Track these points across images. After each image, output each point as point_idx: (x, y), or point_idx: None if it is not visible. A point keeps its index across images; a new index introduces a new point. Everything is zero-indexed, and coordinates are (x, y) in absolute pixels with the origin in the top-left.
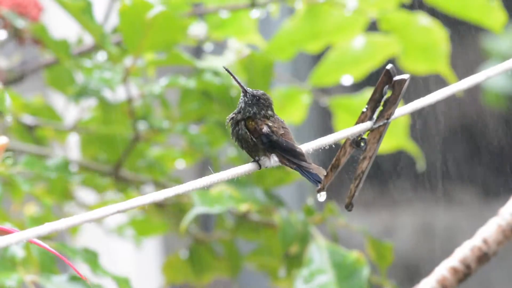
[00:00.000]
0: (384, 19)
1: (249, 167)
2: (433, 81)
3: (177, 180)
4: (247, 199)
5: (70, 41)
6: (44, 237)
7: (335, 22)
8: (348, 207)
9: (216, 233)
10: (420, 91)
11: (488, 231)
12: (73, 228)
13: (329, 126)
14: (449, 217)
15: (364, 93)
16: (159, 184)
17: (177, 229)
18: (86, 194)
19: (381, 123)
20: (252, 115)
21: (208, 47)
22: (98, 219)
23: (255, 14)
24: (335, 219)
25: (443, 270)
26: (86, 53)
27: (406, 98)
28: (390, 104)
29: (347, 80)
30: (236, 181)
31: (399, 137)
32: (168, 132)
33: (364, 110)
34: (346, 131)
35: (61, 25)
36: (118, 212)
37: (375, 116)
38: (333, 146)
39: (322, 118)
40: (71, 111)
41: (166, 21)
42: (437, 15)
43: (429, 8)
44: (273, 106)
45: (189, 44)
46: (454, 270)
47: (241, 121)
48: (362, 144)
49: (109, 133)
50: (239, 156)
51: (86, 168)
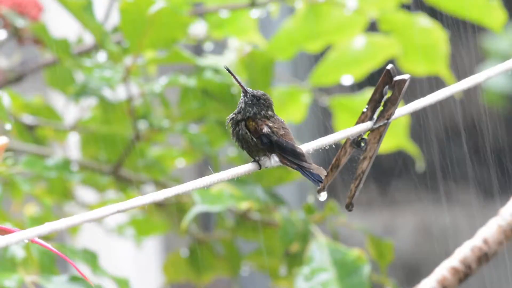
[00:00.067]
0: (384, 20)
1: (249, 167)
2: (432, 81)
3: (177, 180)
4: (247, 197)
5: (70, 40)
6: (44, 237)
7: (335, 22)
8: (349, 207)
9: (216, 233)
10: (420, 91)
11: (488, 231)
12: (73, 228)
13: (329, 126)
14: (449, 217)
15: (364, 93)
16: (159, 184)
17: (177, 229)
18: (86, 194)
19: (381, 123)
20: (253, 115)
21: (208, 47)
22: (98, 219)
23: (255, 13)
24: (336, 218)
25: (443, 270)
26: (86, 53)
27: (406, 99)
28: (391, 104)
29: (347, 80)
30: (236, 180)
31: (399, 137)
32: (168, 131)
33: (364, 110)
34: (346, 131)
35: (61, 25)
36: (118, 212)
37: (375, 116)
38: (333, 146)
39: (322, 118)
40: (71, 111)
41: (167, 17)
42: (436, 15)
43: (429, 8)
44: (273, 107)
45: (189, 44)
46: (455, 270)
47: (241, 121)
48: (363, 144)
49: (109, 133)
50: (239, 156)
51: (86, 168)
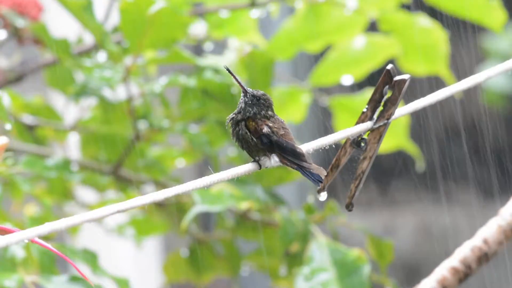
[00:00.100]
0: (384, 20)
1: (249, 167)
2: (432, 81)
3: (177, 180)
4: (247, 197)
5: (70, 40)
6: (44, 237)
7: (335, 22)
8: (349, 207)
9: (216, 233)
10: (420, 91)
11: (488, 231)
12: (73, 228)
13: (329, 126)
14: (449, 217)
15: (364, 93)
16: (159, 184)
17: (177, 229)
18: (86, 194)
19: (381, 123)
20: (252, 116)
21: (208, 47)
22: (98, 219)
23: (255, 13)
24: (336, 218)
25: (443, 270)
26: (86, 53)
27: (406, 98)
28: (391, 105)
29: (347, 80)
30: (236, 180)
31: (399, 137)
32: (168, 131)
33: (364, 110)
34: (346, 131)
35: (61, 25)
36: (118, 212)
37: (375, 116)
38: (333, 146)
39: (322, 118)
40: (71, 111)
41: (167, 17)
42: (436, 15)
43: (429, 8)
44: (273, 107)
45: (189, 44)
46: (455, 270)
47: (241, 121)
48: (363, 144)
49: (109, 133)
50: (239, 156)
51: (86, 168)
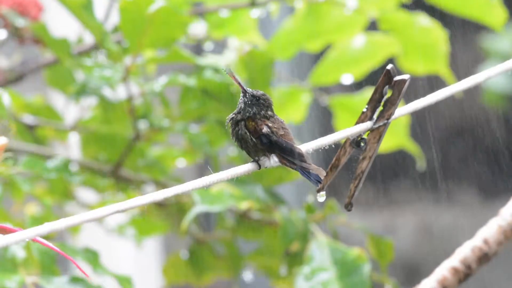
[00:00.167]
0: (384, 19)
1: (249, 167)
2: (432, 81)
3: (178, 180)
4: (247, 197)
5: (70, 40)
6: (44, 237)
7: (335, 22)
8: (348, 207)
9: (216, 233)
10: (420, 91)
11: (488, 231)
12: (74, 228)
13: (329, 126)
14: (449, 217)
15: (364, 92)
16: (159, 184)
17: (177, 229)
18: (86, 194)
19: (381, 123)
20: (252, 116)
21: (208, 46)
22: (98, 218)
23: (255, 13)
24: (336, 217)
25: (443, 270)
26: (86, 52)
27: (406, 98)
28: (390, 104)
29: (347, 79)
30: (236, 180)
31: (399, 137)
32: (168, 131)
33: (364, 110)
34: (346, 131)
35: (61, 25)
36: (118, 212)
37: (375, 116)
38: (333, 146)
39: (322, 118)
40: (71, 111)
41: (167, 16)
42: (436, 14)
43: (429, 7)
44: (273, 107)
45: (189, 43)
46: (455, 270)
47: (241, 121)
48: (362, 144)
49: (110, 132)
50: (239, 156)
51: (86, 168)
